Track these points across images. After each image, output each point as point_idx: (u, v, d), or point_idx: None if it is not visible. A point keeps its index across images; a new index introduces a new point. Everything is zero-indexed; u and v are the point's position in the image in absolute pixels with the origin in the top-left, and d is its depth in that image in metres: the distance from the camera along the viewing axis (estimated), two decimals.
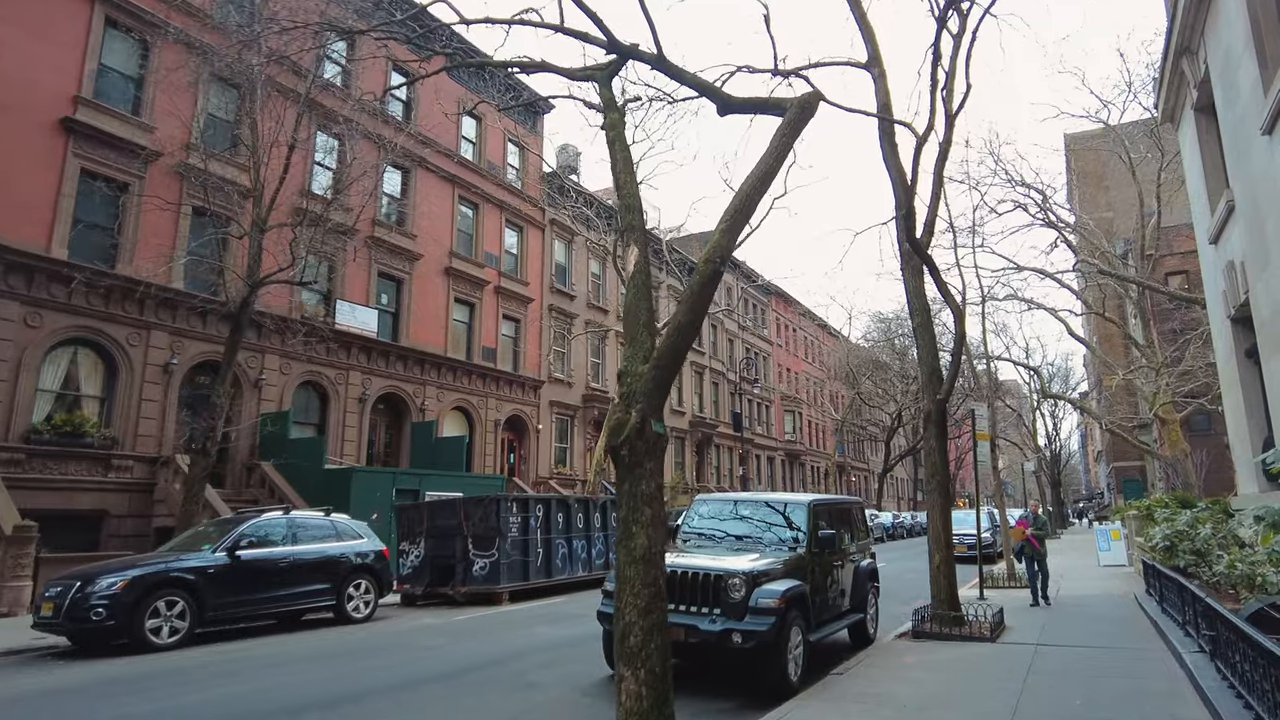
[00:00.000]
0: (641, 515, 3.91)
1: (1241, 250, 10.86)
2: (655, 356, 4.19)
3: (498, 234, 29.19)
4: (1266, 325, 10.14)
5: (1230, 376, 12.53)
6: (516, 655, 9.37)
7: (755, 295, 53.51)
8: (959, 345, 10.70)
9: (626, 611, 3.75)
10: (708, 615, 7.31)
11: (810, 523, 8.66)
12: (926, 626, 9.83)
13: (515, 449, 29.59)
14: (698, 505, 9.66)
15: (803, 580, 8.07)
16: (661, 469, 4.06)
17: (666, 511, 14.85)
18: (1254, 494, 11.66)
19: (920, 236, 11.29)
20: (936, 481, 10.47)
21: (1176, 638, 8.31)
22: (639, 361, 4.21)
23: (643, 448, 3.95)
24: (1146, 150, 25.23)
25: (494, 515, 14.48)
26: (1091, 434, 70.33)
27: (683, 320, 4.17)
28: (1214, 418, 35.75)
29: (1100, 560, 20.83)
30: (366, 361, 23.42)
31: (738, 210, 4.64)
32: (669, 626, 7.31)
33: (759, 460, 50.99)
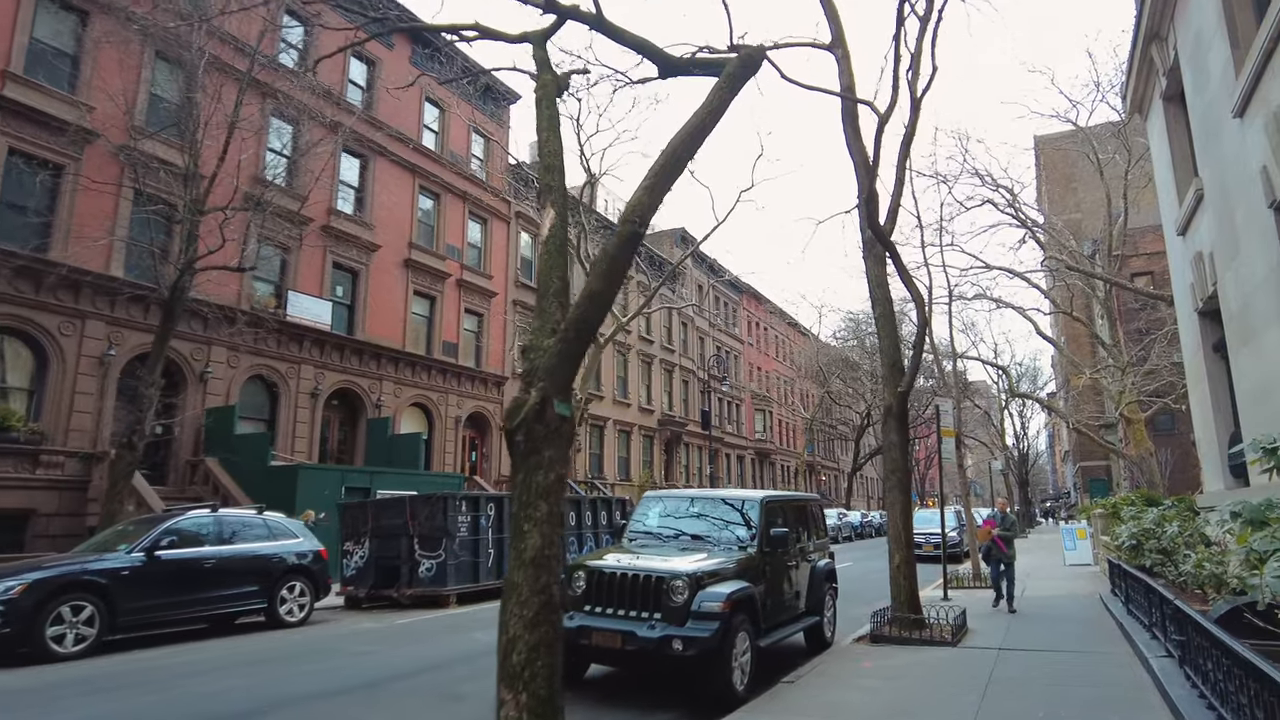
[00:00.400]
0: (535, 511, 3.36)
1: (1210, 240, 10.54)
2: (562, 329, 3.65)
3: (460, 226, 28.46)
4: (1235, 317, 9.82)
5: (1197, 371, 12.25)
6: (449, 663, 8.78)
7: (726, 293, 53.15)
8: (921, 335, 10.27)
9: (511, 624, 3.19)
10: (647, 620, 6.77)
11: (762, 521, 8.16)
12: (886, 630, 9.38)
13: (478, 447, 28.89)
14: (646, 503, 9.13)
15: (753, 582, 7.57)
16: (565, 458, 3.52)
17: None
18: (1220, 491, 11.37)
19: (884, 223, 10.85)
20: (897, 478, 10.02)
21: (1143, 640, 7.92)
22: (546, 335, 3.67)
23: (542, 433, 3.40)
24: (1114, 151, 25.34)
25: (441, 514, 13.84)
26: (1059, 434, 70.91)
27: (595, 288, 3.63)
28: (1178, 417, 35.96)
29: (1066, 559, 20.62)
30: (320, 355, 22.62)
31: (663, 168, 4.11)
32: (603, 632, 6.82)
33: (729, 459, 50.63)
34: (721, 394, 47.24)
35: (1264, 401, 8.87)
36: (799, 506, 9.59)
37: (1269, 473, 4.58)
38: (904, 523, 9.86)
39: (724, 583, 7.07)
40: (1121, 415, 28.65)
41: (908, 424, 10.40)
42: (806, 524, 9.67)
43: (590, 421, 34.29)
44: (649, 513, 8.88)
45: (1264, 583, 3.90)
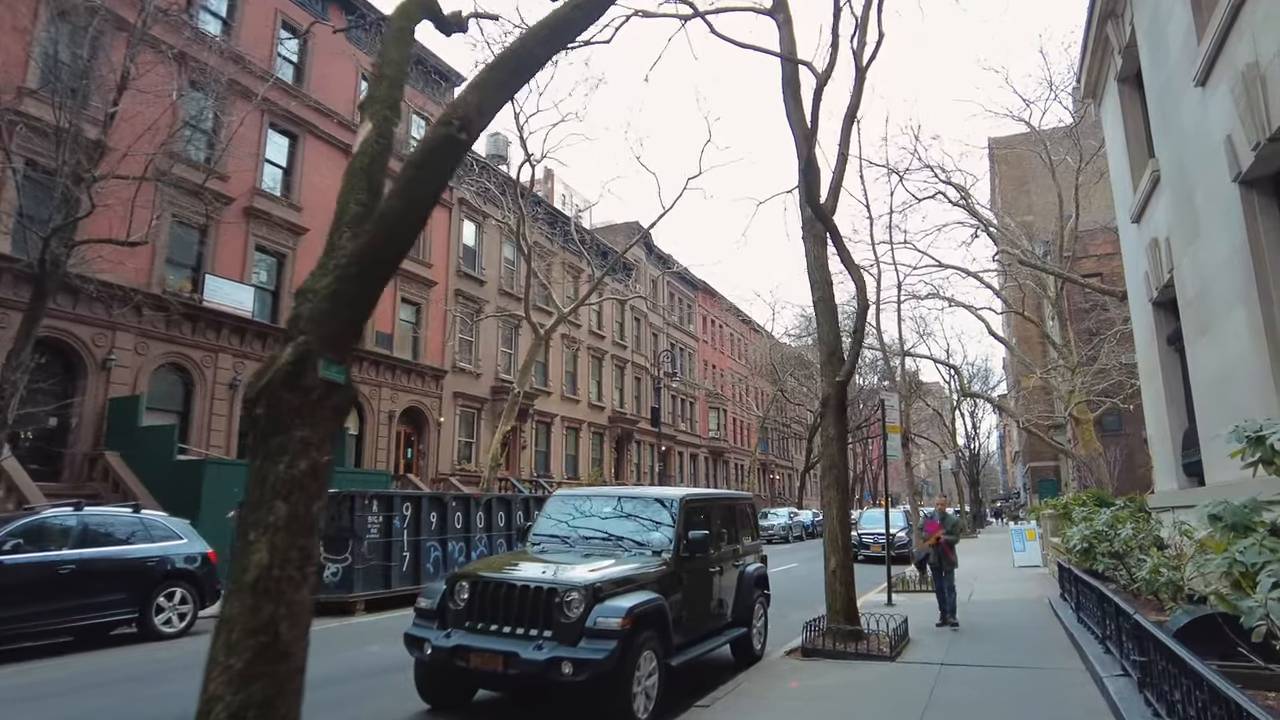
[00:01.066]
0: (269, 515, 2.38)
1: (1167, 225, 9.92)
2: (344, 264, 2.68)
3: None
4: (1192, 304, 9.19)
5: (1150, 366, 11.67)
6: (326, 683, 7.71)
7: (681, 290, 52.37)
8: (861, 320, 9.46)
9: (212, 677, 2.18)
10: (535, 639, 5.81)
11: (680, 523, 7.25)
12: (819, 642, 8.54)
13: (414, 443, 27.62)
14: (552, 503, 8.16)
15: (666, 591, 6.65)
16: (327, 442, 2.54)
17: None
18: (1172, 491, 10.77)
19: (824, 201, 10.03)
20: (834, 475, 9.19)
21: (1095, 654, 7.18)
22: (325, 275, 2.70)
23: (293, 404, 2.43)
24: (1066, 153, 25.35)
25: (347, 514, 12.71)
26: (1009, 435, 71.56)
27: (391, 208, 2.68)
28: (1125, 417, 36.10)
29: (1015, 561, 20.13)
30: (240, 344, 21.21)
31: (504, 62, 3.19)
32: (483, 653, 5.83)
33: (682, 457, 49.86)
34: (672, 390, 46.45)
35: (1223, 392, 8.22)
36: (726, 506, 8.70)
37: (1254, 466, 3.78)
38: (841, 523, 9.04)
39: (628, 594, 6.13)
40: (1071, 415, 28.57)
41: (846, 416, 9.58)
42: (735, 525, 8.80)
43: (536, 418, 33.22)
44: (557, 514, 7.92)
45: (1262, 606, 3.07)
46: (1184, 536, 7.97)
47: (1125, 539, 8.59)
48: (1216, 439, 8.16)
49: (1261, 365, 7.06)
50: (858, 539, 24.18)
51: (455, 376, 28.80)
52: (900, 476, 66.47)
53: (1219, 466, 8.72)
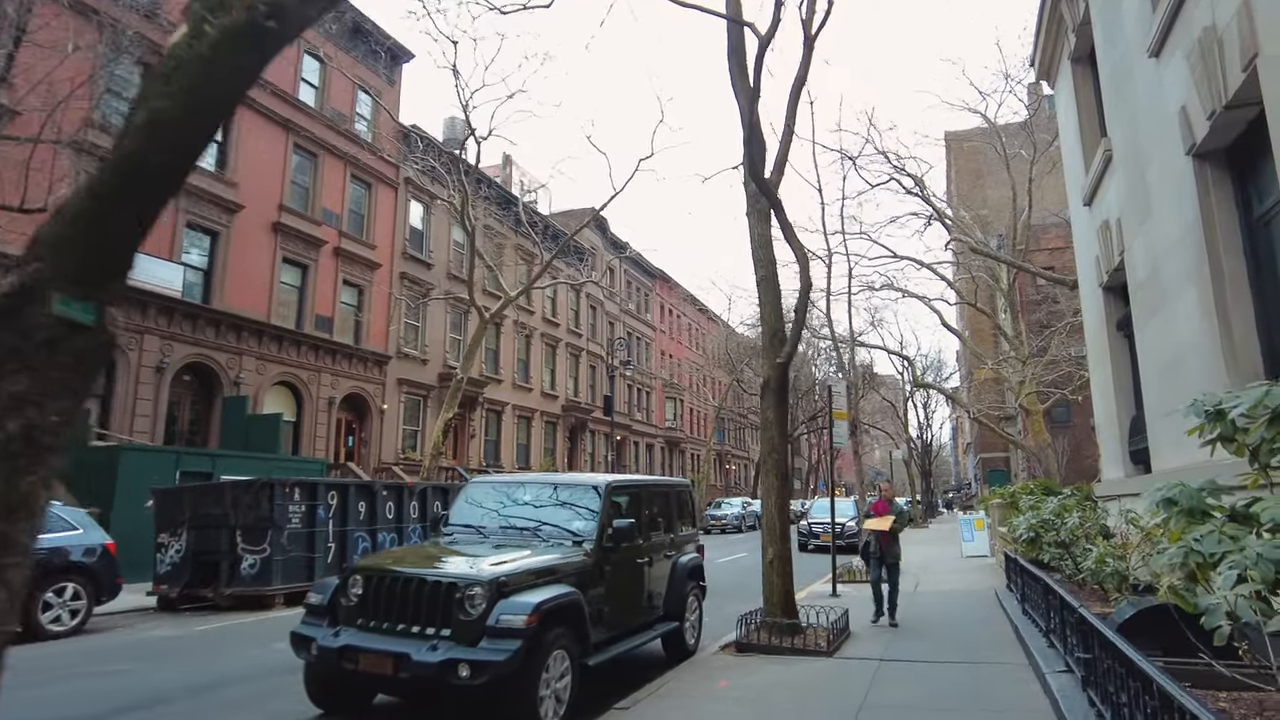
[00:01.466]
0: None
1: (1118, 206, 9.63)
2: (99, 175, 2.09)
3: (340, 189, 26.16)
4: (1143, 286, 8.91)
5: (1100, 352, 11.44)
6: (216, 686, 7.06)
7: (639, 278, 51.85)
8: (804, 299, 9.00)
9: None
10: (430, 639, 5.23)
11: (604, 511, 6.72)
12: (754, 637, 8.09)
13: (355, 431, 26.71)
14: (469, 489, 7.59)
15: (584, 585, 6.13)
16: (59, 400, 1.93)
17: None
18: (1119, 479, 10.55)
19: (769, 176, 9.55)
20: (774, 461, 8.74)
21: (1039, 649, 6.82)
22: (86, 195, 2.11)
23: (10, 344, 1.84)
24: (1020, 145, 25.53)
25: (267, 503, 11.96)
26: (962, 426, 72.48)
27: (164, 109, 2.09)
28: (1074, 409, 36.53)
29: (963, 550, 20.04)
30: (168, 325, 20.15)
31: None
32: (372, 654, 5.24)
33: (637, 447, 49.42)
34: (628, 379, 45.94)
35: (1172, 376, 7.94)
36: (659, 493, 8.19)
37: (1212, 445, 3.36)
38: (779, 512, 8.59)
39: (538, 588, 5.58)
40: (1021, 406, 28.75)
41: (787, 400, 9.14)
42: (669, 514, 8.30)
43: (487, 406, 32.46)
44: (474, 503, 7.34)
45: (1227, 604, 2.62)
46: (1131, 525, 7.68)
47: (1071, 528, 8.29)
48: (1169, 420, 7.88)
49: (1213, 346, 6.76)
50: (808, 528, 23.99)
51: (400, 362, 27.92)
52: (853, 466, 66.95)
53: (1166, 453, 8.45)
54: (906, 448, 44.71)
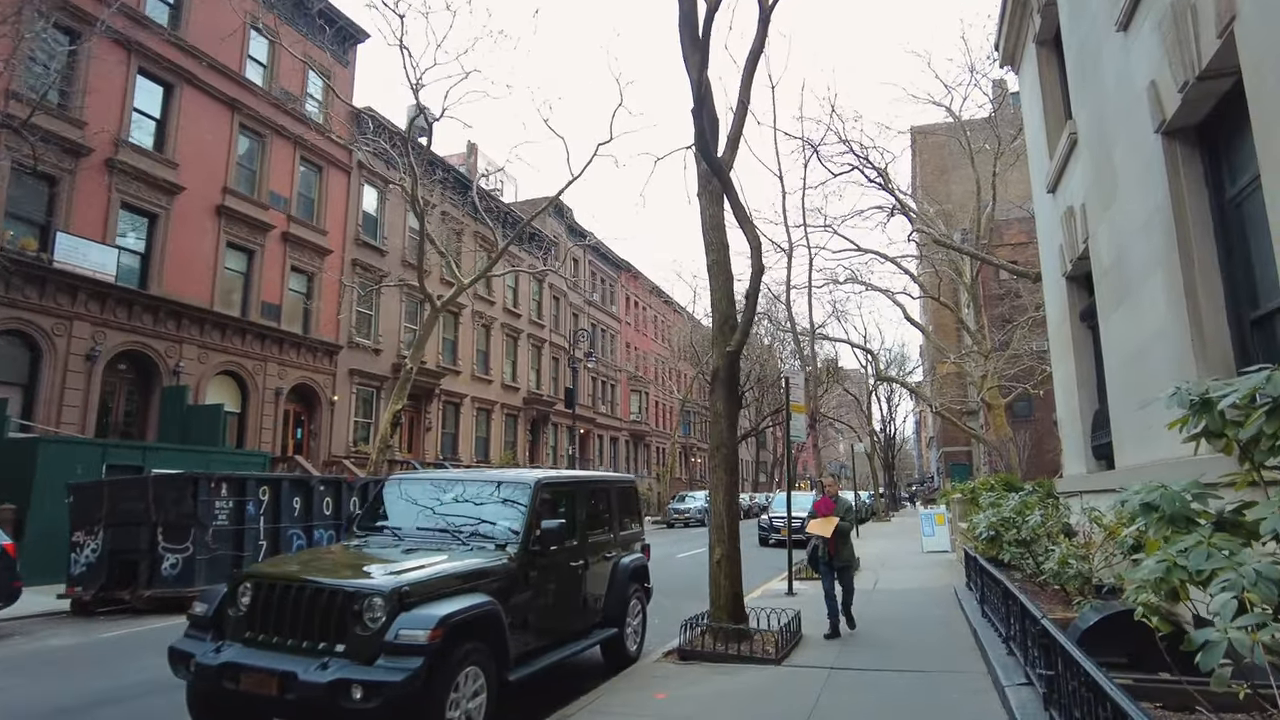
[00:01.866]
0: None
1: (1083, 191, 9.27)
2: None
3: (289, 173, 25.18)
4: (1108, 274, 8.54)
5: (1063, 344, 11.11)
6: (91, 706, 6.38)
7: (604, 269, 51.19)
8: (755, 285, 8.51)
9: None
10: (322, 655, 4.64)
11: (530, 511, 6.15)
12: (699, 643, 7.58)
13: (304, 423, 25.81)
14: (390, 486, 6.97)
15: (506, 592, 5.57)
16: None
17: None
18: (1081, 475, 10.23)
19: (722, 154, 9.04)
20: (723, 455, 8.23)
21: (998, 657, 6.40)
22: None
23: None
24: (985, 140, 25.55)
25: (190, 498, 11.21)
26: (925, 421, 72.97)
27: None
28: (1036, 403, 36.72)
29: (924, 545, 19.79)
30: (100, 311, 19.13)
31: None
32: (256, 673, 4.64)
33: (601, 441, 48.85)
34: (592, 371, 45.32)
35: (1139, 366, 7.56)
36: (597, 490, 7.65)
37: (1196, 440, 2.89)
38: (727, 508, 8.10)
39: (450, 598, 5.01)
40: (983, 401, 28.77)
41: (738, 390, 8.64)
42: (609, 512, 7.76)
43: (444, 398, 31.66)
44: (391, 500, 6.74)
45: (1224, 638, 2.13)
46: (1094, 524, 7.31)
47: (1033, 526, 7.89)
48: (1134, 414, 7.52)
49: (1181, 334, 6.37)
50: (769, 522, 23.65)
51: (351, 352, 27.03)
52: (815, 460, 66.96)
53: (1130, 448, 8.11)
54: (870, 441, 44.68)
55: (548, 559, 6.21)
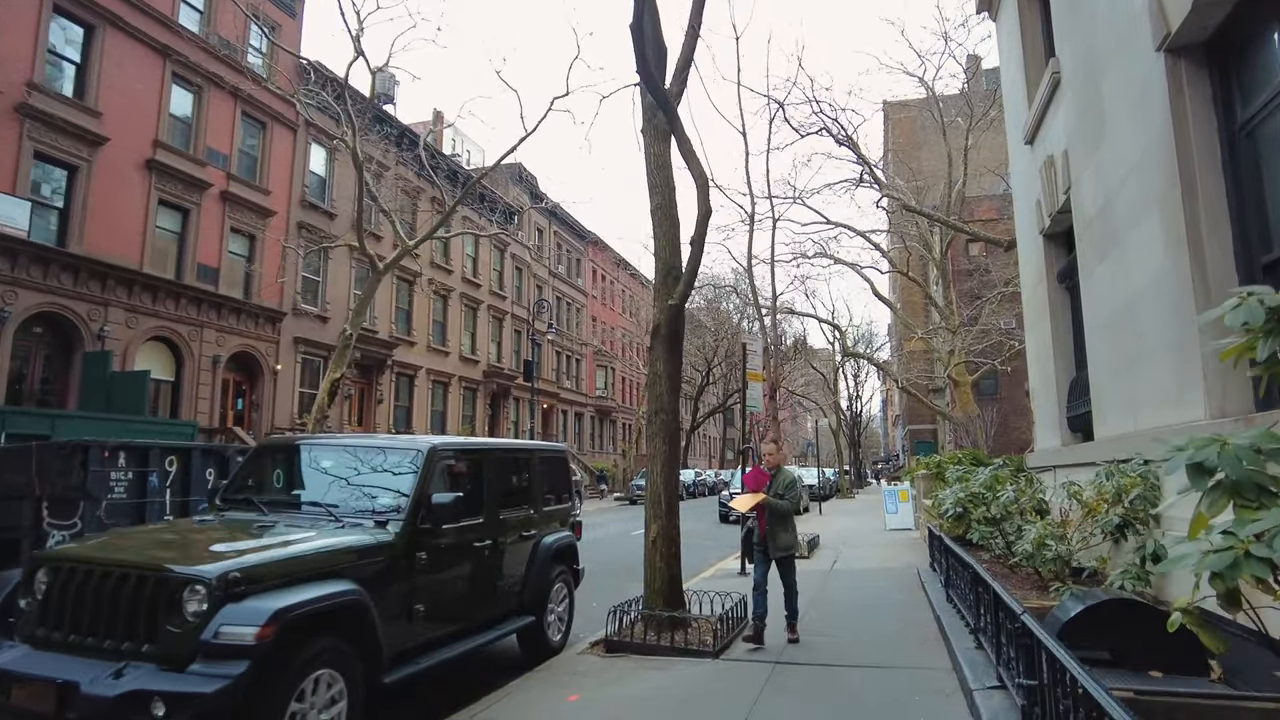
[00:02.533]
0: None
1: (1065, 135, 8.42)
2: None
3: (229, 128, 23.67)
4: (1091, 225, 7.71)
5: (1038, 308, 10.32)
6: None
7: (570, 241, 49.92)
8: (702, 229, 7.53)
9: None
10: (122, 659, 3.66)
11: (419, 483, 5.18)
12: (628, 633, 6.69)
13: (245, 393, 24.52)
14: (258, 453, 5.99)
15: (383, 578, 4.62)
16: None
17: None
18: (1054, 448, 9.49)
19: (669, 85, 8.05)
20: (662, 421, 7.31)
21: (965, 651, 5.59)
22: None
23: None
24: (957, 113, 24.94)
25: (79, 469, 10.06)
26: (891, 399, 72.92)
27: None
28: (1002, 381, 36.41)
29: (887, 523, 19.15)
30: (11, 269, 17.67)
31: None
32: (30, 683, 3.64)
33: (565, 416, 47.88)
34: (553, 343, 44.22)
35: (1124, 325, 6.74)
36: (513, 461, 6.69)
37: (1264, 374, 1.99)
38: (665, 482, 7.19)
39: (295, 586, 4.05)
40: (950, 378, 28.32)
41: (680, 349, 7.71)
42: (530, 486, 6.81)
43: (397, 369, 30.43)
44: (262, 469, 5.74)
45: None
46: (1073, 499, 6.52)
47: (1005, 503, 7.08)
48: (1117, 377, 6.70)
49: (1180, 283, 5.53)
50: (729, 497, 22.91)
51: (296, 319, 25.71)
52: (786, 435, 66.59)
53: (1112, 417, 7.32)
54: (836, 417, 44.21)
55: (443, 538, 5.26)
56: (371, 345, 28.39)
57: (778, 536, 6.80)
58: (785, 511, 6.84)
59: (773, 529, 6.80)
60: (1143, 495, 5.74)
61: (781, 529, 6.83)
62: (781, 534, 6.81)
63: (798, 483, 7.14)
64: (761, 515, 6.87)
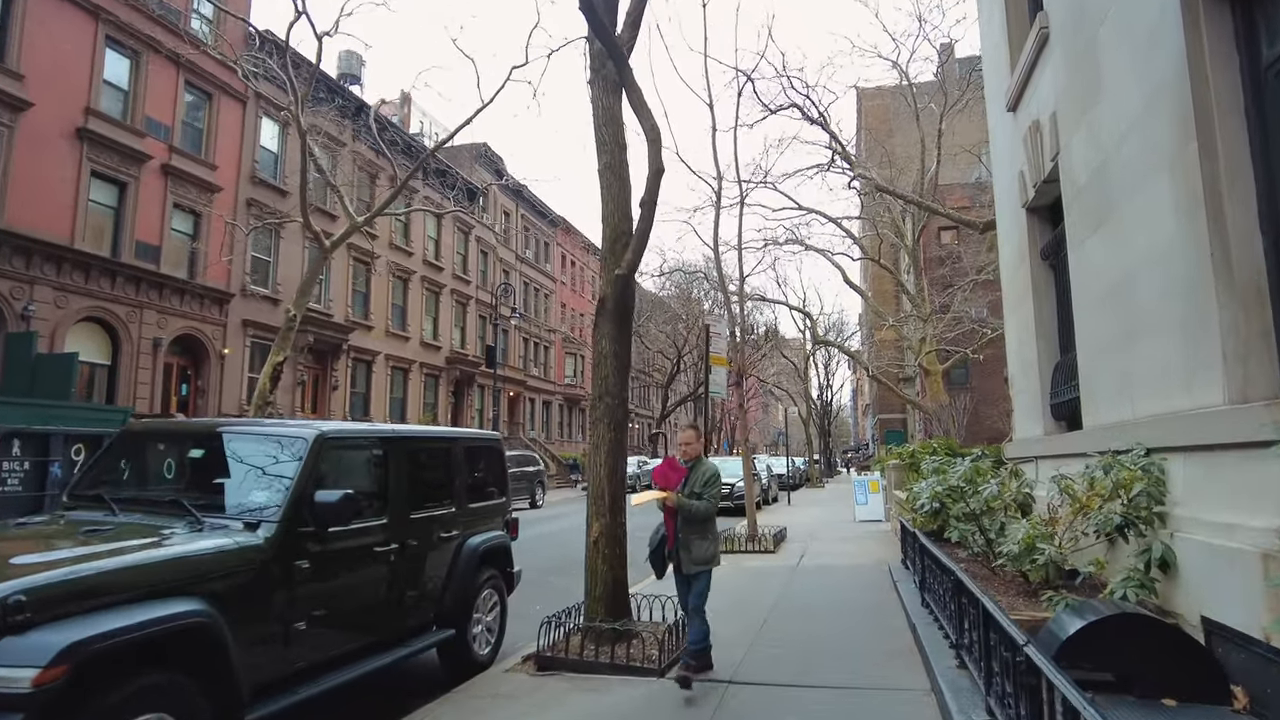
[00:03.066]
0: None
1: (1054, 96, 7.69)
2: None
3: (171, 97, 22.36)
4: (1084, 193, 6.99)
5: (1020, 288, 9.64)
6: None
7: (539, 226, 48.82)
8: (654, 188, 6.69)
9: None
10: None
11: (301, 477, 4.31)
12: (564, 648, 5.87)
13: (190, 378, 23.31)
14: (118, 442, 5.06)
15: (245, 594, 3.76)
16: None
17: None
18: (1036, 438, 8.83)
19: (620, 33, 7.20)
20: (606, 405, 6.49)
21: (945, 671, 4.86)
22: None
23: None
24: (930, 98, 24.46)
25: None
26: (861, 389, 72.83)
27: None
28: (974, 370, 36.09)
29: (856, 515, 18.54)
30: None
31: None
32: None
33: (533, 404, 46.92)
34: (521, 329, 43.21)
35: (1122, 300, 6.04)
36: (430, 451, 5.84)
37: None
38: (610, 474, 6.38)
39: (110, 610, 3.17)
40: (921, 366, 27.94)
41: (630, 325, 6.89)
42: (454, 480, 5.97)
43: (353, 354, 29.30)
44: (121, 460, 4.84)
45: None
46: (1065, 494, 5.82)
47: (989, 498, 6.37)
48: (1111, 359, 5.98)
49: (1195, 250, 4.81)
50: None
51: (245, 301, 24.50)
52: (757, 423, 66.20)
53: (1105, 403, 6.63)
54: (806, 406, 43.74)
55: (331, 542, 4.41)
56: (326, 329, 27.26)
57: (693, 547, 5.37)
58: (703, 515, 5.37)
59: (686, 537, 5.38)
60: (1146, 491, 5.04)
61: (698, 537, 5.39)
62: (698, 543, 5.38)
63: (719, 478, 5.57)
64: (670, 520, 5.46)
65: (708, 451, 31.57)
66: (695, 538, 5.40)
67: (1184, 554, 4.74)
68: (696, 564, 5.38)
